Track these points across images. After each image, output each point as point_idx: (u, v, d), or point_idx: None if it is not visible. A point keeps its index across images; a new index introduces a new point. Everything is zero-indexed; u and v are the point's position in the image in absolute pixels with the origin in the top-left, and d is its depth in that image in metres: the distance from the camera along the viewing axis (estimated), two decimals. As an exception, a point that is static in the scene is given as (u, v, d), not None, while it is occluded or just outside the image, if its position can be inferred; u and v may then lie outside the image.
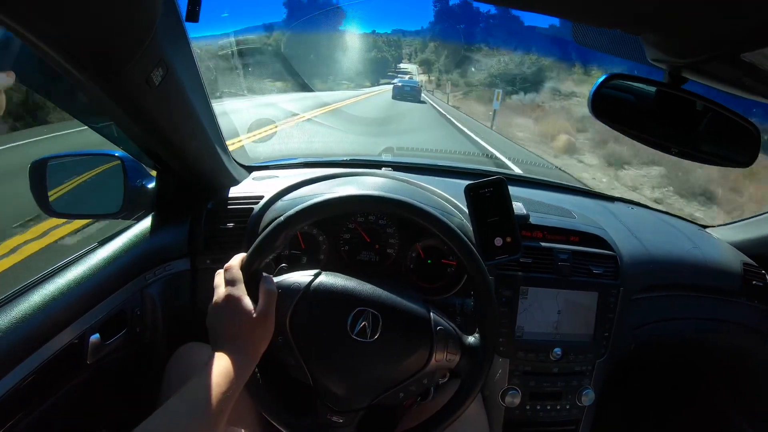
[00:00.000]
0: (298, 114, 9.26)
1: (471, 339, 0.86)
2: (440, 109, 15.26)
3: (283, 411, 0.82)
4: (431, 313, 0.85)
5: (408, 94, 16.41)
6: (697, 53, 0.66)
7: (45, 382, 0.85)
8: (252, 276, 0.81)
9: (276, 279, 0.84)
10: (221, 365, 0.70)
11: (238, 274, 0.79)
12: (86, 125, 1.06)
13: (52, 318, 0.87)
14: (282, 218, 0.82)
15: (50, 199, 1.11)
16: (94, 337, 0.96)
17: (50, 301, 0.87)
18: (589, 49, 0.83)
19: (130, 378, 1.13)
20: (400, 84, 17.47)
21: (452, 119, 12.74)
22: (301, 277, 0.84)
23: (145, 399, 1.10)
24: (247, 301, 0.76)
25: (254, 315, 0.75)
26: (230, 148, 1.30)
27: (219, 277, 0.81)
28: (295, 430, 0.81)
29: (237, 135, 3.58)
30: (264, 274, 0.82)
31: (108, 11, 0.62)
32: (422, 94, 17.84)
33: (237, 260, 0.82)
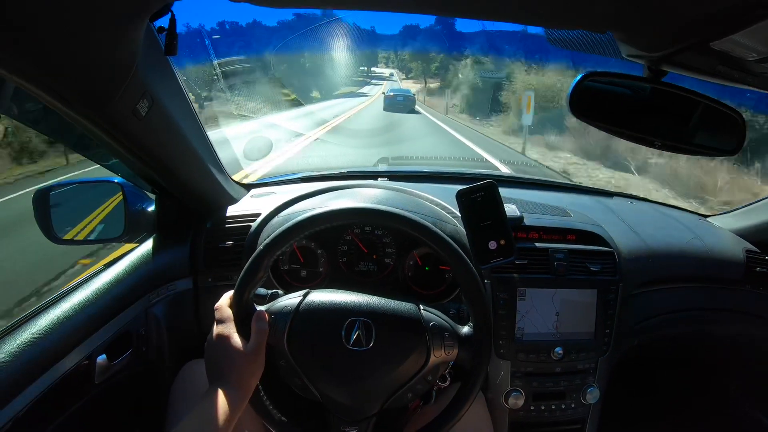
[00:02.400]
0: (297, 133, 9.25)
1: (465, 329, 0.87)
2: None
3: (298, 431, 0.84)
4: (422, 311, 0.86)
5: (401, 104, 15.57)
6: (666, 45, 0.68)
7: (54, 403, 0.88)
8: (244, 310, 0.83)
9: (267, 306, 0.86)
10: (215, 400, 0.74)
11: (227, 312, 0.83)
12: (83, 155, 1.09)
13: (59, 341, 0.89)
14: (261, 247, 0.84)
15: (64, 236, 1.15)
16: (101, 358, 0.98)
17: (57, 324, 0.90)
18: (564, 49, 0.84)
19: (137, 396, 1.15)
20: (392, 94, 16.52)
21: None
22: (290, 299, 0.86)
23: (152, 415, 1.12)
24: (236, 340, 0.79)
25: (244, 352, 0.78)
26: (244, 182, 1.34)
27: (216, 314, 0.84)
28: None
29: (240, 166, 3.57)
30: (257, 308, 0.85)
31: (87, 51, 0.65)
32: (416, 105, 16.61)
33: (226, 299, 0.85)
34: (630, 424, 1.63)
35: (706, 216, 1.65)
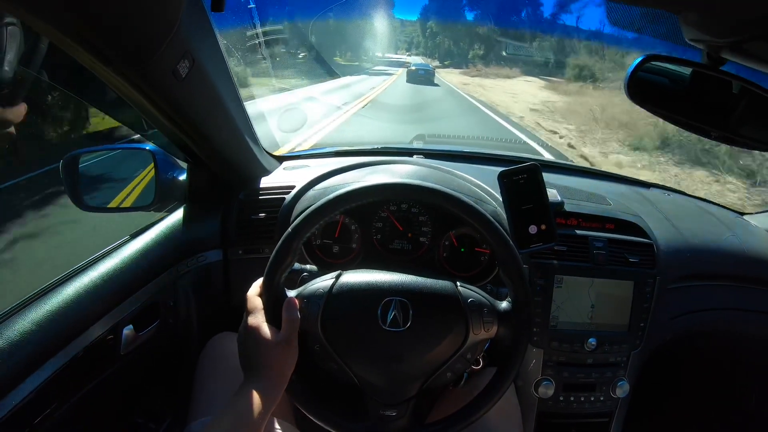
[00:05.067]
0: (335, 106, 9.18)
1: (504, 304, 0.84)
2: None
3: (336, 417, 0.81)
4: (459, 287, 0.84)
5: (422, 77, 17.78)
6: (738, 32, 0.63)
7: (79, 373, 0.87)
8: (275, 296, 0.81)
9: (299, 290, 0.84)
10: (249, 394, 0.73)
11: (256, 302, 0.80)
12: (116, 120, 1.08)
13: (85, 310, 0.88)
14: (290, 229, 0.81)
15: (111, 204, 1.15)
16: (128, 329, 0.97)
17: (83, 294, 0.88)
18: (624, 29, 0.80)
19: (163, 368, 1.15)
20: (414, 68, 18.90)
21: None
22: (322, 282, 0.84)
23: (178, 388, 1.12)
24: (266, 331, 0.77)
25: (275, 343, 0.76)
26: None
27: (246, 304, 0.82)
28: None
29: (277, 144, 3.51)
30: (288, 294, 0.82)
31: (132, 4, 0.62)
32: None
33: (255, 288, 0.83)
34: (655, 420, 1.61)
35: (742, 213, 1.60)
